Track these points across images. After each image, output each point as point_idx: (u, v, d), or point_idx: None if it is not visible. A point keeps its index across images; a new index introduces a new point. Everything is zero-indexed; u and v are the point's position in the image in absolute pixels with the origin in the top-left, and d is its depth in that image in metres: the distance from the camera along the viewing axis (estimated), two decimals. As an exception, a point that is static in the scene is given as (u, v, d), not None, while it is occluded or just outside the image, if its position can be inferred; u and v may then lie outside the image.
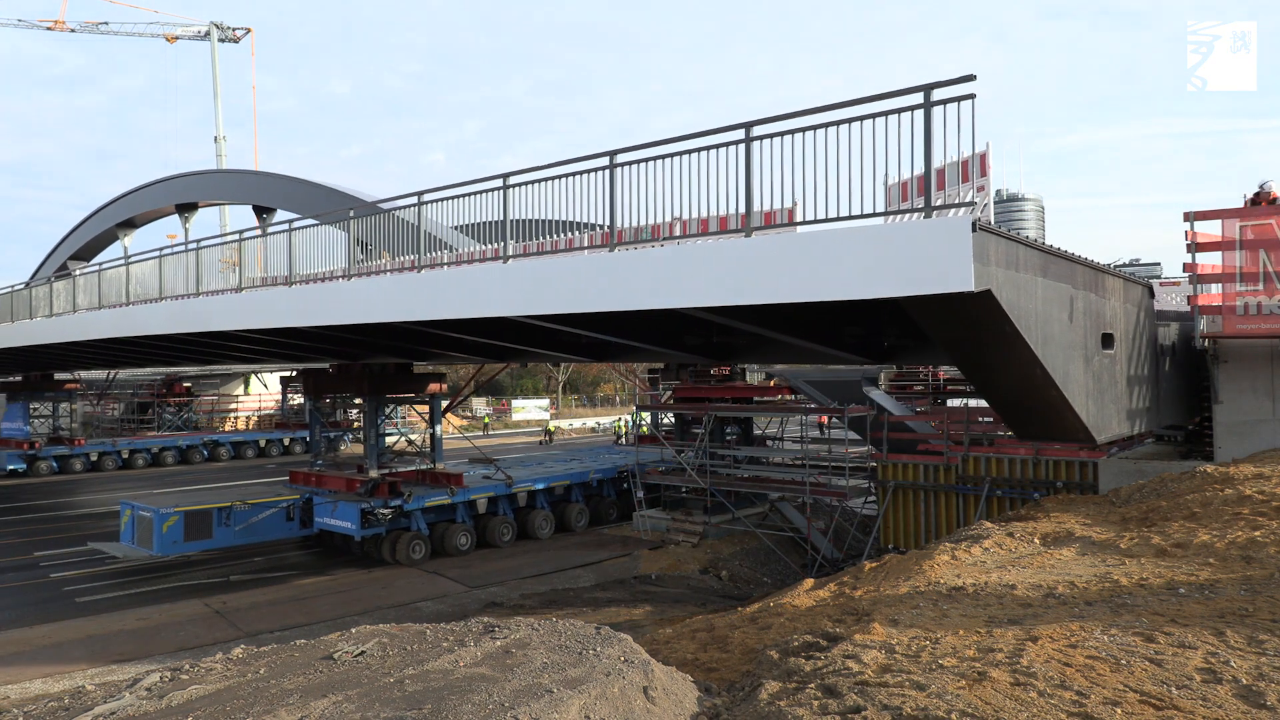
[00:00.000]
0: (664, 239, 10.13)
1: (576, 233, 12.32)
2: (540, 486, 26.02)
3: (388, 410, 26.33)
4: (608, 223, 10.48)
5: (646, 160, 10.02)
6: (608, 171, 10.38)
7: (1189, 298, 12.90)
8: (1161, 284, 16.90)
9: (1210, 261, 12.54)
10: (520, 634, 6.73)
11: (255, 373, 58.20)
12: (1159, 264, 22.75)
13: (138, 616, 18.09)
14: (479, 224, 13.56)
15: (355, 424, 28.81)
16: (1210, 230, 12.28)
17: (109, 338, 22.75)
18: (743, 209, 9.17)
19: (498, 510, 25.02)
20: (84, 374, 45.08)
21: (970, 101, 7.39)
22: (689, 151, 9.56)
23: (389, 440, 26.20)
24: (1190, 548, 8.56)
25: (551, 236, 12.41)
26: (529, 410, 68.73)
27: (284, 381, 55.27)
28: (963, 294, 7.38)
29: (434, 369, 26.45)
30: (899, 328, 12.33)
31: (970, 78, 7.41)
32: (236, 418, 55.11)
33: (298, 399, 54.18)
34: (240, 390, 59.96)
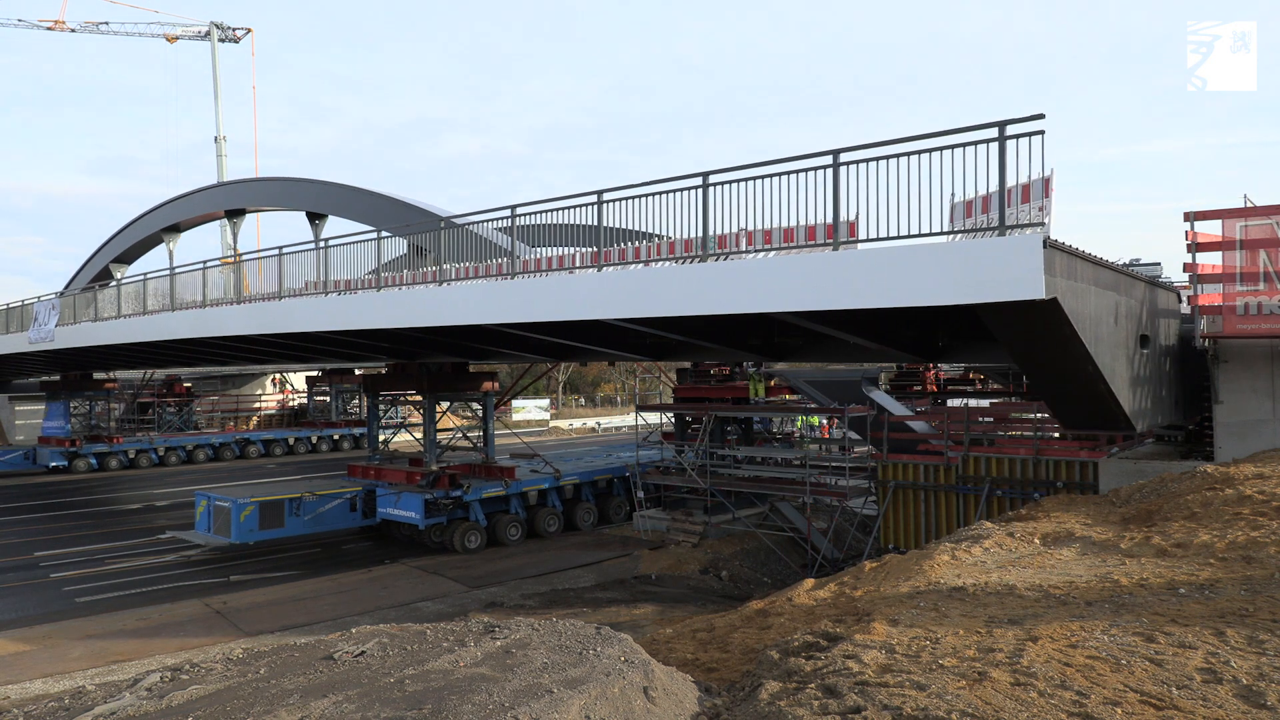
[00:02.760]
0: (759, 249, 11.38)
1: (645, 241, 13.31)
2: (585, 480, 27.18)
3: (446, 407, 27.81)
4: (701, 234, 11.68)
5: (736, 181, 11.29)
6: (701, 190, 11.64)
7: (1189, 297, 12.92)
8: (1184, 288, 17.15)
9: (1210, 261, 12.54)
10: (520, 634, 6.73)
11: (282, 372, 59.15)
12: (1159, 264, 22.72)
13: (138, 616, 18.09)
14: (531, 228, 14.93)
15: (408, 420, 29.63)
16: (1210, 230, 12.28)
17: (182, 339, 23.97)
18: (824, 220, 10.52)
19: (546, 502, 26.30)
20: (119, 373, 46.21)
21: (1040, 136, 8.63)
22: (775, 175, 10.79)
23: (440, 436, 27.44)
24: (1190, 548, 8.56)
25: (626, 244, 13.56)
26: (529, 410, 68.63)
27: (310, 381, 56.24)
28: (1033, 301, 8.51)
29: (487, 368, 27.90)
30: (950, 329, 13.58)
31: (1039, 116, 8.58)
32: (261, 416, 56.24)
33: (323, 397, 56.48)
34: (260, 390, 60.90)
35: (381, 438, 29.26)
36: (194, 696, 5.83)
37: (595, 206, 13.09)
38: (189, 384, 52.19)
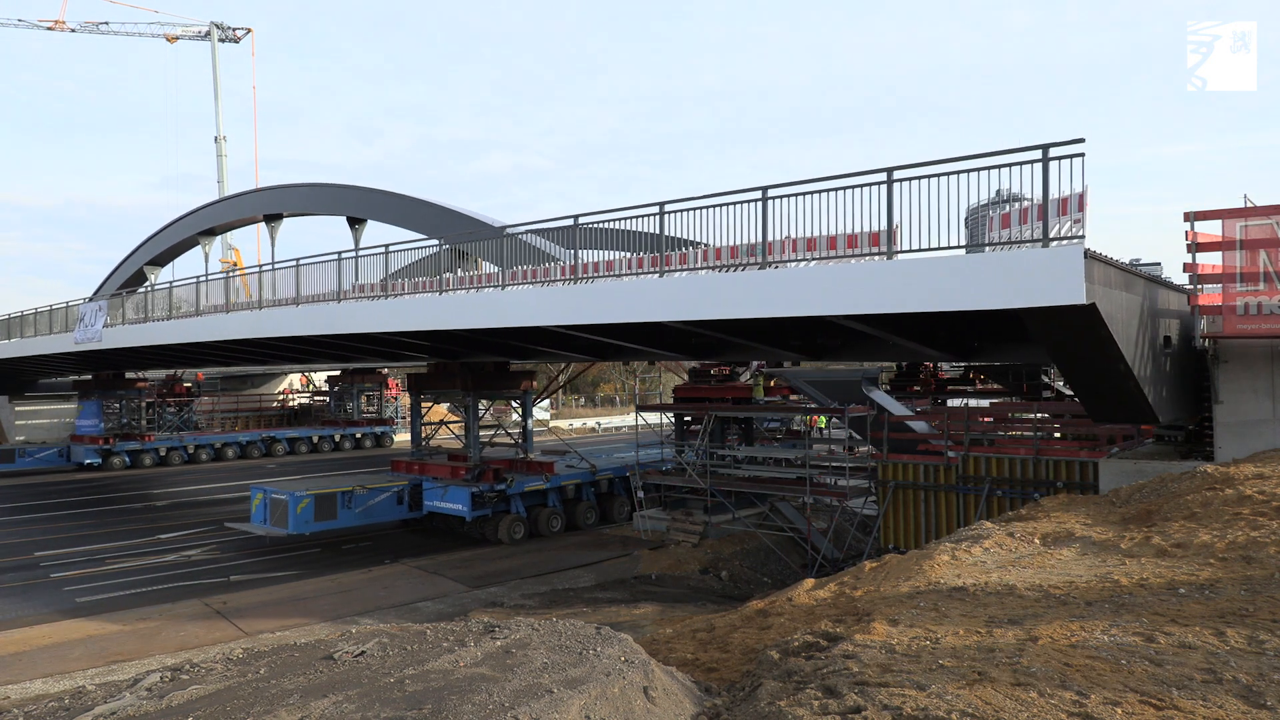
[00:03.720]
0: (814, 257, 12.30)
1: (690, 248, 14.39)
2: (618, 474, 27.90)
3: (488, 405, 29.07)
4: (761, 241, 12.70)
5: (793, 195, 12.30)
6: (761, 203, 12.63)
7: (1189, 297, 12.90)
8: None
9: (1210, 261, 12.52)
10: (520, 634, 6.73)
11: (306, 371, 60.12)
12: (1159, 264, 22.73)
13: (138, 616, 18.10)
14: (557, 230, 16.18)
15: (448, 417, 31.37)
16: (1210, 230, 12.26)
17: (237, 339, 24.93)
18: (865, 230, 11.52)
19: (582, 496, 27.27)
20: (147, 373, 47.71)
21: (1081, 158, 9.51)
22: (830, 190, 11.78)
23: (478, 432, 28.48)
24: (1190, 548, 8.55)
25: (675, 251, 14.62)
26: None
27: (331, 381, 57.24)
28: (1074, 305, 9.42)
29: (526, 367, 28.98)
30: (984, 331, 14.51)
31: (1080, 140, 9.50)
32: (263, 416, 57.22)
33: (322, 398, 57.84)
34: (279, 389, 62.03)
35: (396, 431, 29.95)
36: (194, 696, 5.83)
37: (658, 216, 14.10)
38: (189, 384, 52.46)
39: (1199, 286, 12.60)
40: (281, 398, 60.25)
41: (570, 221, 15.70)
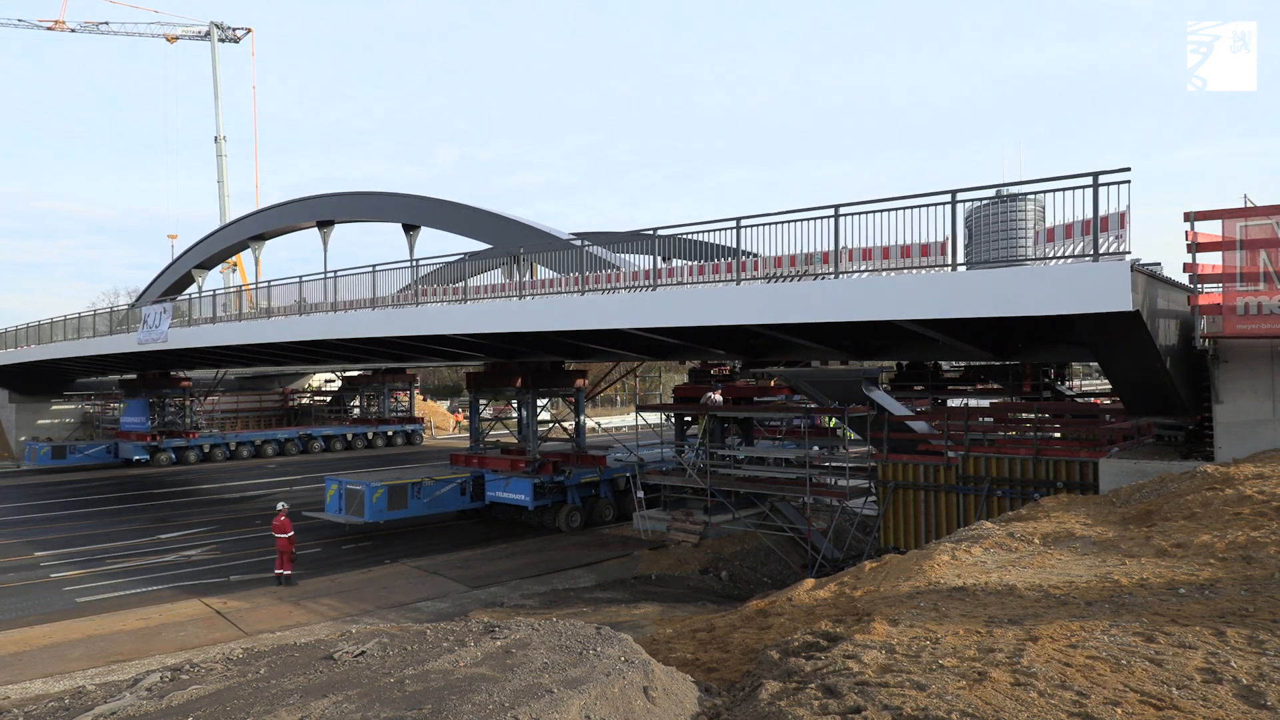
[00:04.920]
0: (889, 268, 13.65)
1: (743, 257, 15.69)
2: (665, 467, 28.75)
3: (544, 401, 30.61)
4: (834, 250, 14.10)
5: (862, 214, 13.69)
6: (834, 220, 14.03)
7: (1189, 297, 12.90)
8: None
9: (1210, 261, 12.51)
10: (520, 634, 6.73)
11: (332, 371, 61.33)
12: (1160, 264, 22.71)
13: (138, 616, 18.09)
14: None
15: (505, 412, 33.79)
16: (1210, 230, 12.25)
17: (310, 339, 26.17)
18: (919, 241, 13.24)
19: (630, 487, 28.04)
20: (191, 372, 49.68)
21: (1127, 185, 11.01)
22: (895, 209, 13.26)
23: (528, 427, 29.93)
24: (1191, 548, 8.55)
25: (732, 259, 16.03)
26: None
27: (352, 381, 58.42)
28: (1121, 312, 10.77)
29: (579, 366, 29.94)
30: (1028, 333, 15.85)
31: (1127, 169, 11.00)
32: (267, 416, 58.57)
33: (322, 398, 59.74)
34: (306, 386, 63.78)
35: (425, 429, 30.96)
36: (194, 696, 5.82)
37: (735, 231, 15.53)
38: (188, 383, 53.20)
39: (1199, 286, 12.60)
40: (308, 393, 62.06)
41: (649, 231, 17.49)
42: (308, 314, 26.14)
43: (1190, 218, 12.22)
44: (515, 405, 31.45)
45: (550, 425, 31.06)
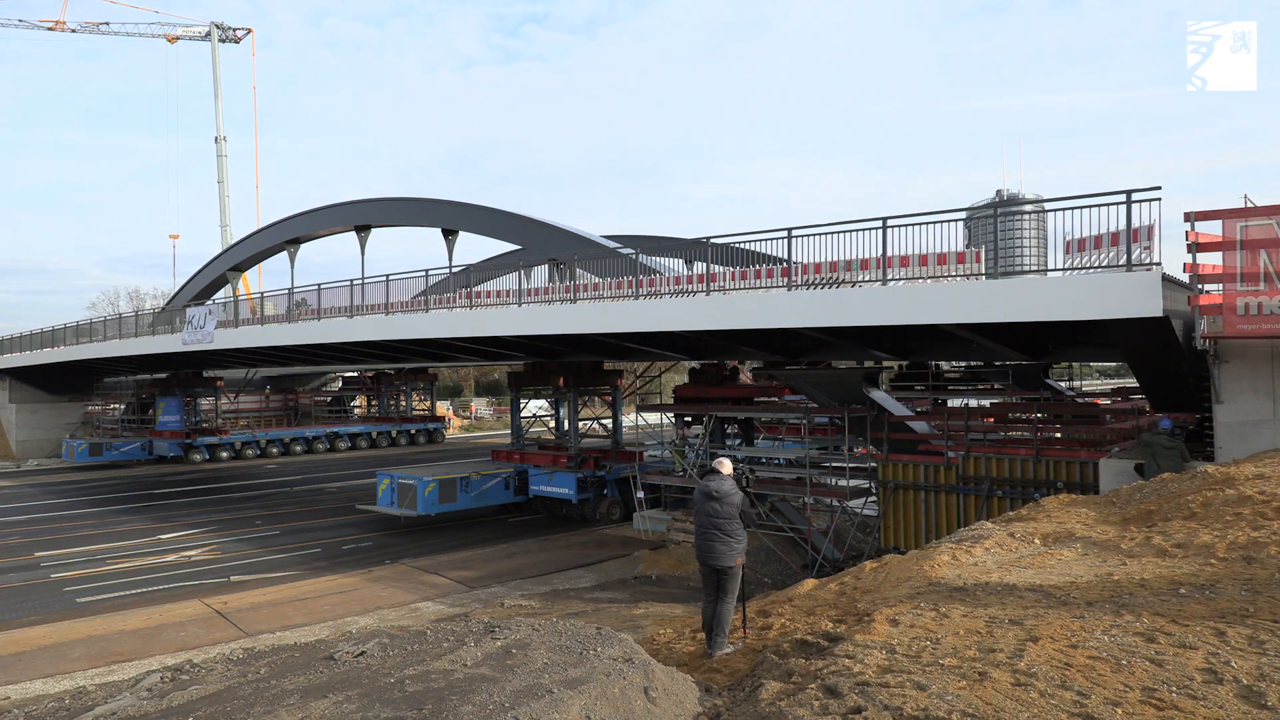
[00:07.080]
0: (928, 276, 14.71)
1: (773, 264, 16.97)
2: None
3: (585, 400, 31.84)
4: (881, 258, 15.01)
5: (908, 226, 14.89)
6: (882, 230, 14.94)
7: (1190, 297, 12.89)
8: None
9: (1211, 261, 12.49)
10: (520, 634, 6.72)
11: (375, 370, 62.24)
12: (1159, 264, 22.76)
13: (138, 616, 18.09)
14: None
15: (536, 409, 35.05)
16: (1211, 230, 12.24)
17: (363, 340, 26.99)
18: (951, 250, 14.64)
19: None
20: (222, 372, 50.75)
21: (1158, 202, 12.22)
22: (942, 222, 14.59)
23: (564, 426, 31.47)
24: (1191, 548, 8.54)
25: (754, 266, 17.41)
26: (528, 410, 68.62)
27: (344, 381, 60.14)
28: (1151, 317, 11.80)
29: (618, 366, 31.28)
30: (1058, 335, 16.77)
31: (1157, 187, 12.12)
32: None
33: (322, 398, 60.97)
34: (324, 386, 64.71)
35: (445, 427, 31.56)
36: (194, 696, 5.82)
37: (786, 240, 16.34)
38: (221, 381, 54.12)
39: (1199, 286, 12.58)
40: (327, 395, 62.95)
41: (703, 238, 18.52)
42: (362, 315, 26.87)
43: (1190, 218, 12.20)
44: (553, 403, 33.07)
45: (590, 422, 32.24)
